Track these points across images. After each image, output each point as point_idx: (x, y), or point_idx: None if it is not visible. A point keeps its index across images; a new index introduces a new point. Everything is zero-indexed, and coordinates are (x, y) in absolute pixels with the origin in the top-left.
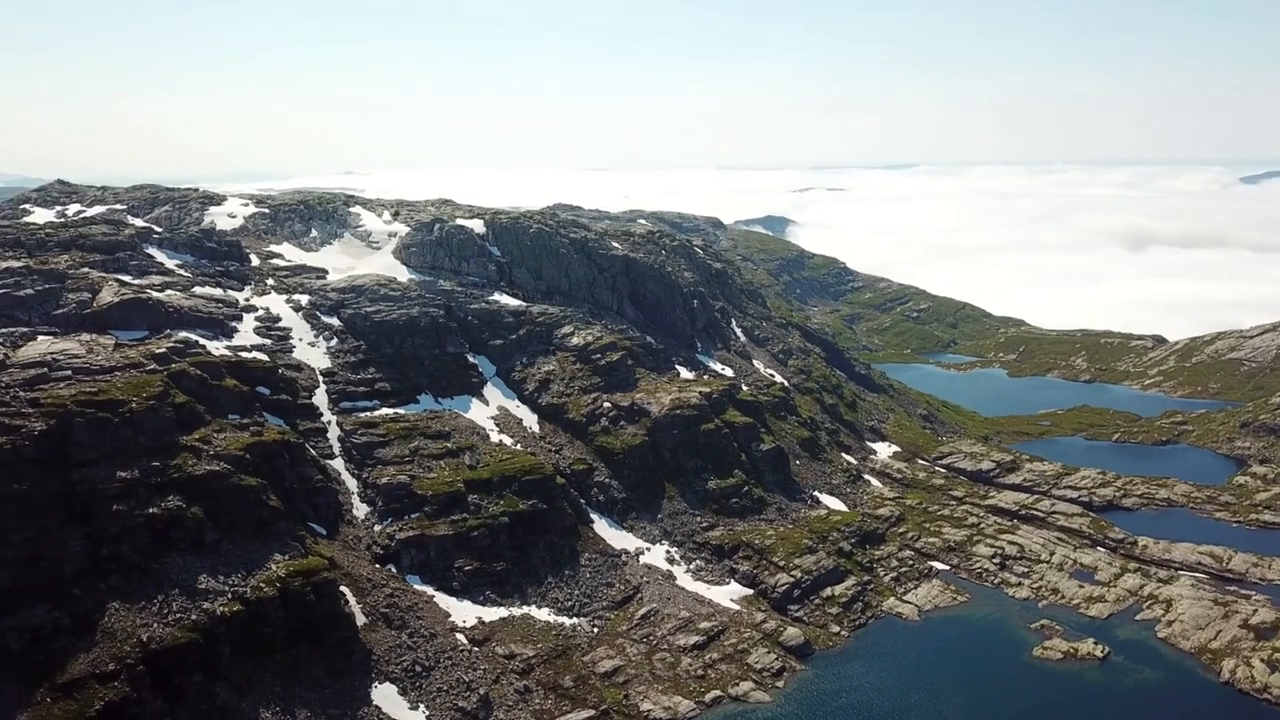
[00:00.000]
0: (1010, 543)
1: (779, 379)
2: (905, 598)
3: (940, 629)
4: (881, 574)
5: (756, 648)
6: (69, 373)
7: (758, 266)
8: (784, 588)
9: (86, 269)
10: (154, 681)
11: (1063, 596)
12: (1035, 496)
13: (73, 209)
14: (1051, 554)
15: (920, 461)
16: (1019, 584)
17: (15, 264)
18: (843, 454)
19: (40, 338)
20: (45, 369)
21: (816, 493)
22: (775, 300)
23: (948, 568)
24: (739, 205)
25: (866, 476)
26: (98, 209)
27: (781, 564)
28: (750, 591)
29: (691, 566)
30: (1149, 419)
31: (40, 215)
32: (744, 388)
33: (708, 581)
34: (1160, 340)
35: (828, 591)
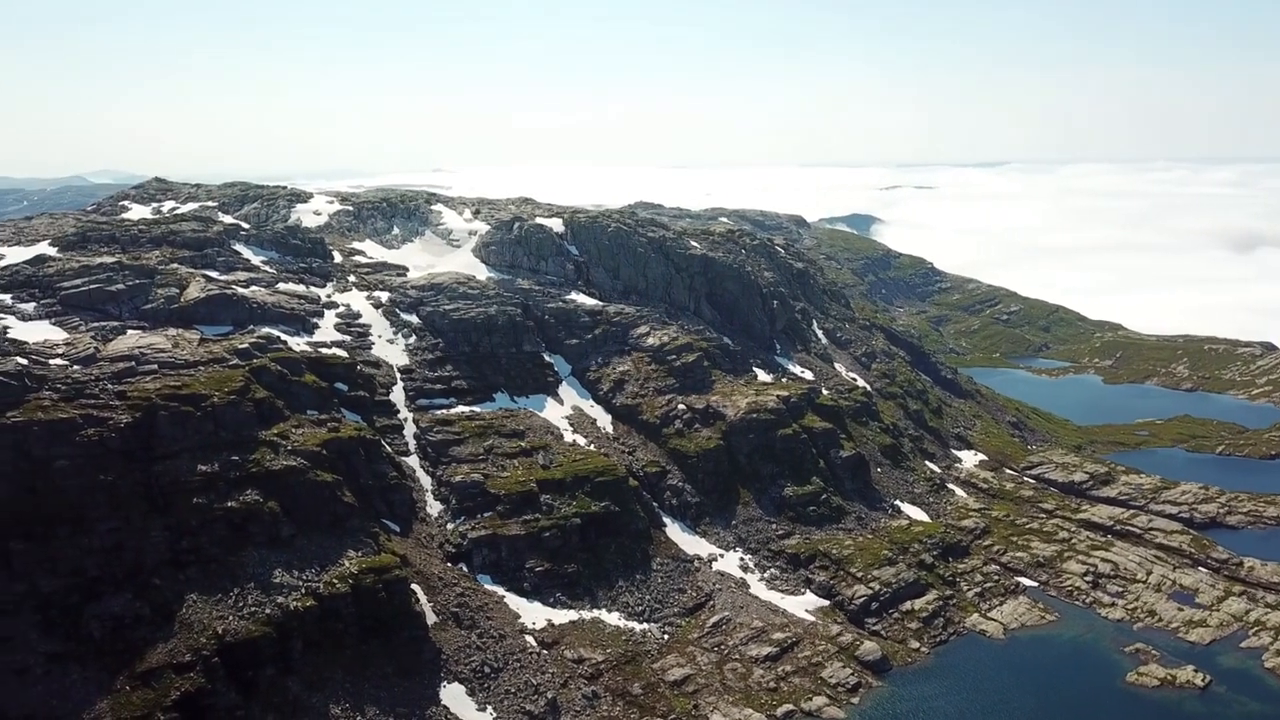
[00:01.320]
0: (1104, 560)
1: (861, 383)
2: (990, 615)
3: (1026, 649)
4: (965, 589)
5: (831, 661)
6: (155, 367)
7: (842, 266)
8: (861, 600)
9: (176, 265)
10: (228, 674)
11: (1160, 619)
12: (1131, 511)
13: (168, 206)
14: (1148, 573)
15: (1008, 471)
16: (1113, 604)
17: (109, 259)
18: (926, 462)
19: (129, 332)
20: (133, 363)
21: (898, 502)
22: (859, 301)
23: (1036, 584)
24: (823, 203)
25: (951, 486)
26: (190, 206)
27: (859, 575)
28: (826, 603)
29: (766, 575)
30: (1256, 431)
31: (137, 212)
32: (824, 392)
33: (782, 591)
34: (1270, 347)
35: (907, 605)
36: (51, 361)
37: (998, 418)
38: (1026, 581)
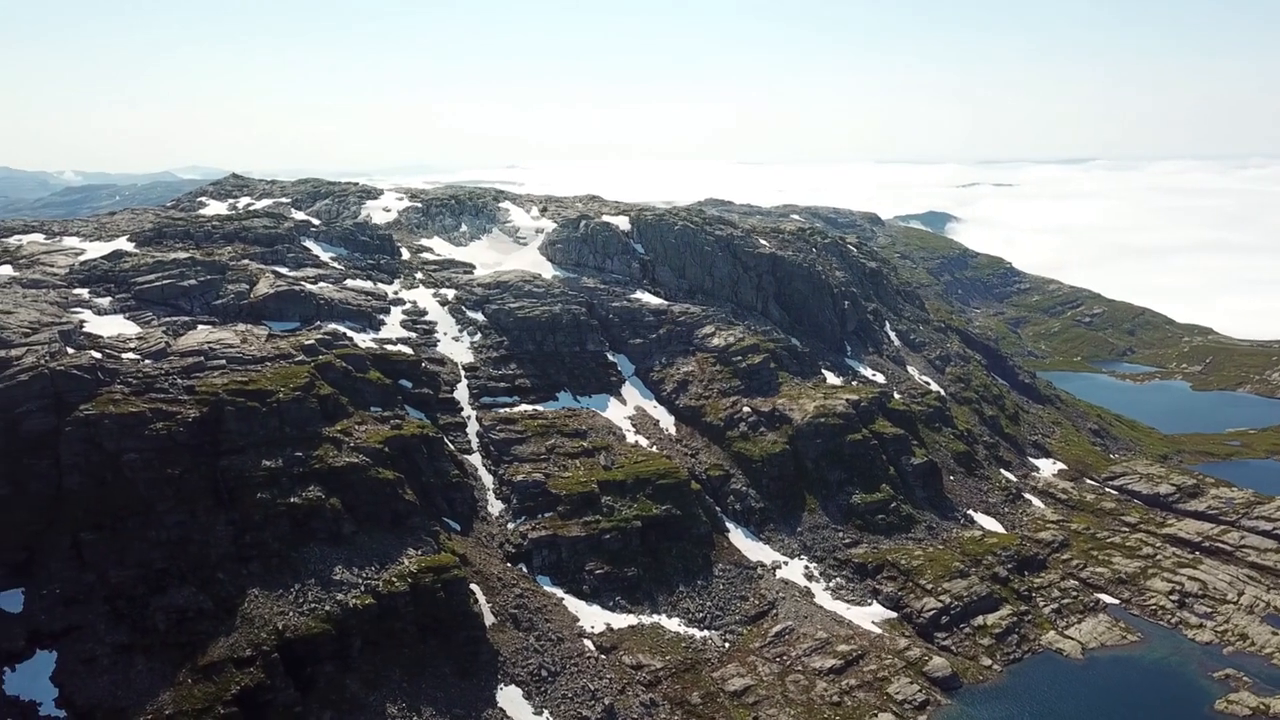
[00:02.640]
0: (1191, 578)
1: (934, 387)
2: (1067, 632)
3: (1106, 670)
4: (1041, 604)
5: (898, 676)
6: (223, 362)
7: (916, 265)
8: (931, 613)
9: (247, 261)
10: (287, 669)
11: (1252, 643)
12: (1222, 527)
13: (243, 201)
14: (1240, 594)
15: (1088, 481)
16: (1200, 626)
17: (182, 255)
18: (1001, 470)
19: (200, 327)
20: (202, 357)
21: (971, 512)
22: (934, 301)
23: (1117, 602)
24: (898, 201)
25: (1027, 496)
26: (265, 202)
27: (929, 587)
28: (894, 615)
29: (831, 584)
30: None
31: (214, 207)
32: (895, 396)
33: (848, 601)
34: None
35: (979, 620)
36: (124, 355)
37: (1078, 425)
38: (1107, 599)
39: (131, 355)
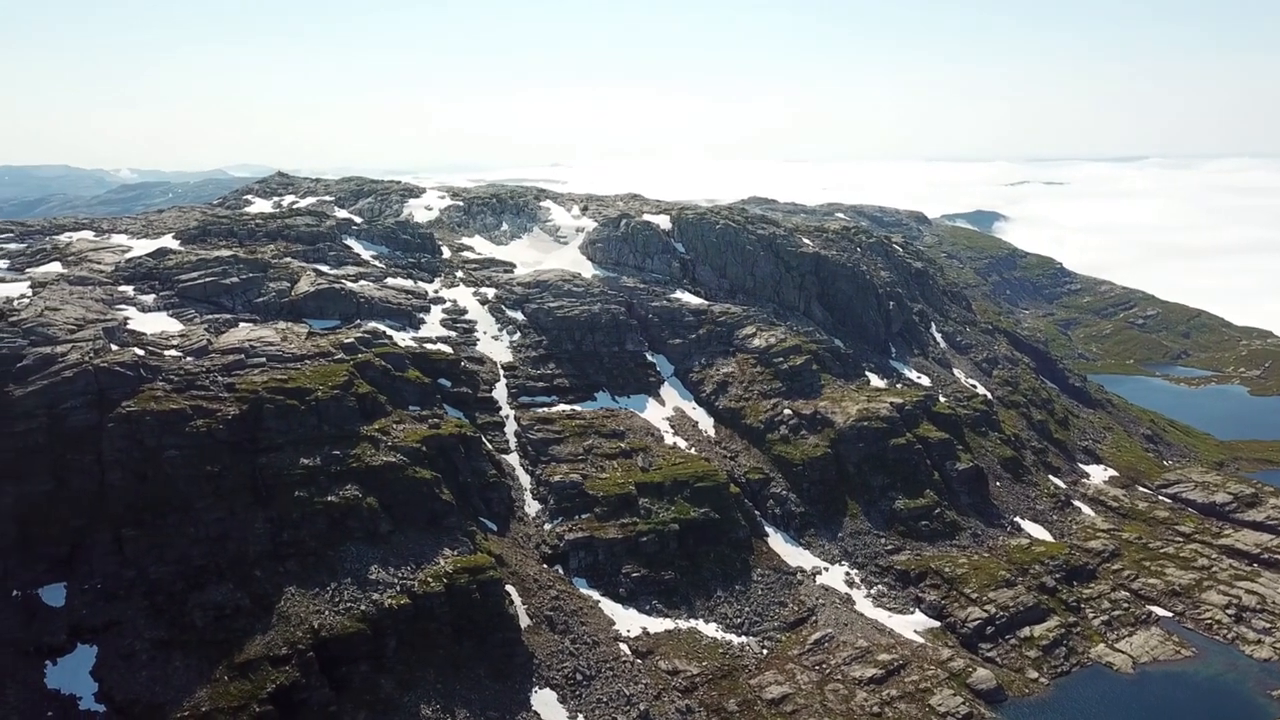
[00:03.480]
0: (1249, 591)
1: (981, 390)
2: (1117, 646)
3: (1159, 686)
4: (1090, 616)
5: (941, 688)
6: (263, 360)
7: (963, 265)
8: (975, 623)
9: (289, 259)
10: (322, 668)
11: None
12: None
13: (288, 199)
14: None
15: (1141, 489)
16: (1259, 641)
17: (225, 253)
18: (1050, 477)
19: (241, 324)
20: (242, 355)
21: (1017, 519)
22: (981, 302)
23: (1170, 615)
24: (945, 199)
25: (1076, 503)
26: (309, 200)
27: (974, 596)
28: (937, 624)
29: (872, 591)
30: None
31: (259, 205)
32: (941, 399)
33: (889, 609)
34: None
35: (1026, 631)
36: (166, 352)
37: (1130, 430)
38: (1160, 611)
39: (174, 352)
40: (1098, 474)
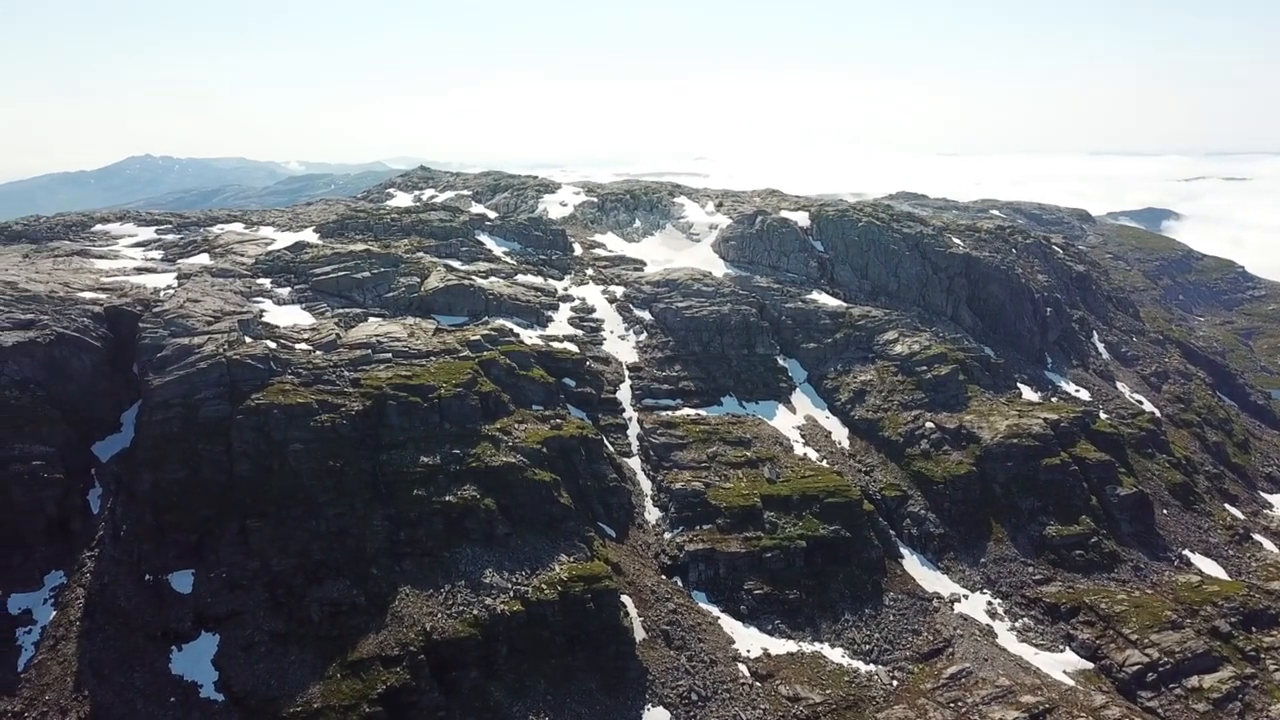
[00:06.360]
0: None
1: (1148, 407)
2: None
3: None
4: (1271, 668)
5: None
6: (389, 355)
7: (1131, 267)
8: (1135, 668)
9: (421, 254)
10: (432, 672)
11: None
12: None
13: (427, 193)
14: None
15: None
16: None
17: (359, 247)
18: (1226, 506)
19: (370, 319)
20: (369, 350)
21: (1187, 552)
22: (1150, 308)
23: None
24: (1111, 196)
25: (1257, 537)
26: (448, 194)
27: (1134, 638)
28: (1089, 665)
29: (1017, 624)
30: None
31: (400, 199)
32: (1102, 416)
33: (1035, 645)
34: None
35: (1194, 681)
36: (297, 346)
37: None
38: None
39: (304, 345)
40: None
